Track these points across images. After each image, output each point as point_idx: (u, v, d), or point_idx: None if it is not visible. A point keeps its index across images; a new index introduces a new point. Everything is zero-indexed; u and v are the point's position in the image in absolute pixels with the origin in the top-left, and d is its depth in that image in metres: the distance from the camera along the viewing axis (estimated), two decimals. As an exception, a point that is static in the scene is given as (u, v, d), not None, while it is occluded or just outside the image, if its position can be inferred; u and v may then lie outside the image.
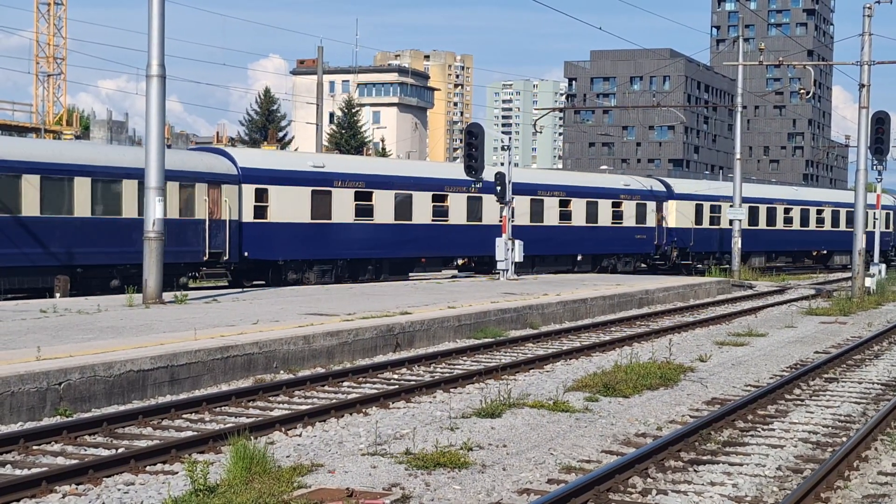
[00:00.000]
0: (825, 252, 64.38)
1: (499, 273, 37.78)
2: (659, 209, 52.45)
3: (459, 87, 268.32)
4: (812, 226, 62.94)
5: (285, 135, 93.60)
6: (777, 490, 10.73)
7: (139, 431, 12.98)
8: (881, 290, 39.29)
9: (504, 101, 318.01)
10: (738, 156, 51.15)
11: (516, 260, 37.75)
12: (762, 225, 58.75)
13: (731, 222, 50.44)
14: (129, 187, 30.05)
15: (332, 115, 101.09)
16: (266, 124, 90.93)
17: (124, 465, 10.97)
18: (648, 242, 51.84)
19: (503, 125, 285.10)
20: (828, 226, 63.59)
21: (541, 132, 55.27)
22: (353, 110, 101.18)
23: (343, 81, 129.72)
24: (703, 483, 10.93)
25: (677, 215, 53.32)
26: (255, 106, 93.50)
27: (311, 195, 35.86)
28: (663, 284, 36.25)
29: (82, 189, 29.15)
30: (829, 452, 12.34)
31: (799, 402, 15.92)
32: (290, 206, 35.20)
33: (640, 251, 51.75)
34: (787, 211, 61.32)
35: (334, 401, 14.92)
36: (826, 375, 18.74)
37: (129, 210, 30.03)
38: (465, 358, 20.10)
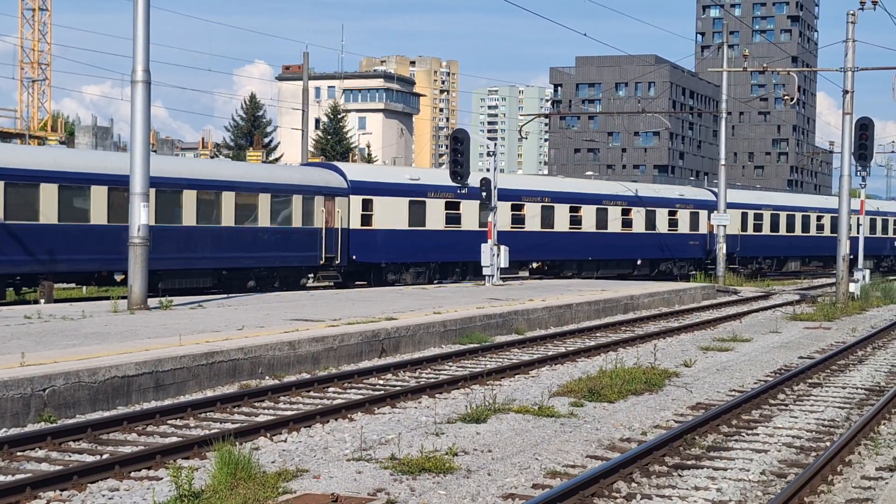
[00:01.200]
0: (853, 256, 66.93)
1: (485, 278, 37.79)
2: (710, 217, 55.51)
3: (445, 92, 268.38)
4: None
5: (271, 141, 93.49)
6: (761, 495, 10.77)
7: (124, 437, 12.94)
8: (865, 295, 39.45)
9: (490, 107, 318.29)
10: (722, 162, 51.29)
11: (502, 265, 37.77)
12: (798, 231, 62.56)
13: (717, 228, 50.60)
14: (263, 200, 35.30)
15: (317, 120, 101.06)
16: (252, 130, 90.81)
17: (109, 470, 10.94)
18: (701, 248, 55.89)
19: (489, 131, 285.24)
20: (854, 232, 65.98)
21: (526, 138, 56.18)
22: (339, 116, 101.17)
23: (329, 87, 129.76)
24: (688, 487, 10.97)
25: None
26: (240, 112, 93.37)
27: (409, 205, 40.60)
28: (648, 290, 36.32)
29: (228, 202, 34.14)
30: (812, 457, 12.39)
31: (783, 407, 15.97)
32: (391, 214, 39.84)
33: (694, 256, 55.93)
34: (819, 219, 64.73)
35: (319, 406, 14.91)
36: (810, 380, 18.79)
37: (263, 220, 35.34)
38: (450, 363, 20.10)
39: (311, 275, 38.04)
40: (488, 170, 38.77)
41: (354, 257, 38.27)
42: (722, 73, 51.66)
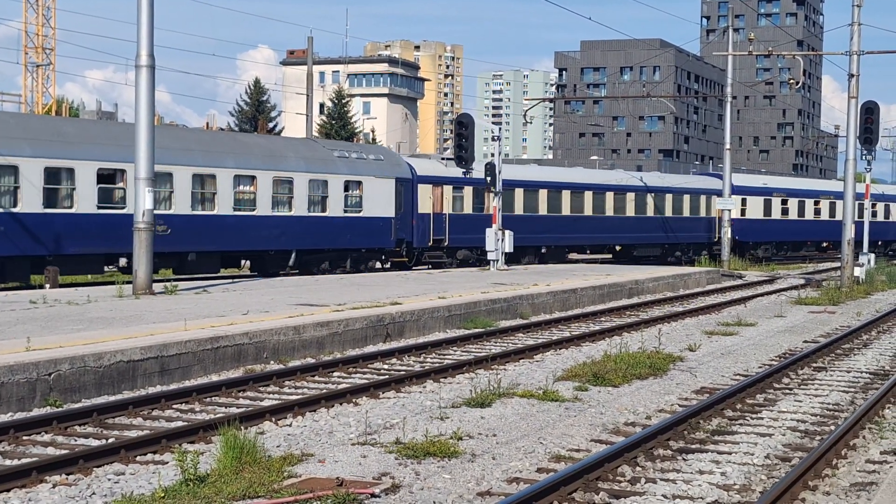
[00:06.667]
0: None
1: (490, 263, 37.77)
2: None
3: (450, 77, 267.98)
4: None
5: (275, 125, 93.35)
6: (765, 478, 10.78)
7: (129, 422, 12.98)
8: (870, 279, 39.41)
9: (494, 92, 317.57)
10: (727, 146, 51.17)
11: (507, 250, 37.74)
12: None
13: (722, 212, 50.65)
14: (674, 199, 54.65)
15: (322, 105, 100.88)
16: (256, 115, 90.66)
17: (114, 455, 10.98)
18: None
19: (493, 115, 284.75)
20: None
21: (531, 122, 56.77)
22: (344, 101, 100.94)
23: (333, 72, 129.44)
24: (692, 471, 10.98)
25: None
26: (244, 96, 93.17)
27: (763, 202, 59.74)
28: (653, 274, 36.32)
29: (667, 200, 54.12)
30: (817, 441, 12.40)
31: (787, 391, 15.98)
32: (754, 209, 58.86)
33: None
34: None
35: (324, 391, 14.94)
36: (815, 364, 18.81)
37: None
38: (455, 348, 20.13)
39: (704, 251, 54.33)
40: (491, 155, 38.72)
41: (737, 238, 54.37)
42: (727, 56, 51.46)
